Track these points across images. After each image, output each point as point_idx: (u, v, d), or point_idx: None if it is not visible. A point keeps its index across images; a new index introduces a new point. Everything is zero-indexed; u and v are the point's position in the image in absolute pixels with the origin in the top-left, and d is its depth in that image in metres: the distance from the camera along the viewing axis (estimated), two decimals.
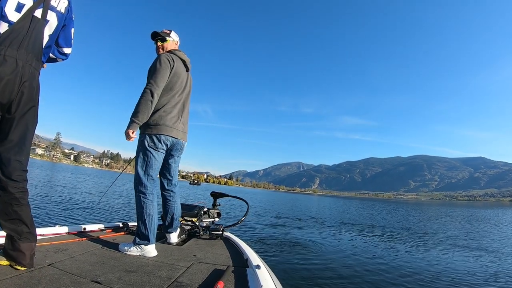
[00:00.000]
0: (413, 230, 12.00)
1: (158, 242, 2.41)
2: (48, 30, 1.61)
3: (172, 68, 2.30)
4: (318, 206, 29.17)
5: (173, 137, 2.31)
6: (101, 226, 2.82)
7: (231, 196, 3.60)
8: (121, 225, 2.97)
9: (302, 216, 14.51)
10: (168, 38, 2.45)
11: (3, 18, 1.42)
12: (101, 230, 2.76)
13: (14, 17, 1.45)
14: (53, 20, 1.62)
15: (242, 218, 3.30)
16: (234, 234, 2.96)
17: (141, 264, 1.86)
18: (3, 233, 1.55)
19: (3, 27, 1.43)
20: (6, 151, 1.44)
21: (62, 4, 1.67)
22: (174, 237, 2.56)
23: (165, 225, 2.56)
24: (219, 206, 3.51)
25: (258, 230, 8.30)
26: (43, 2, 1.55)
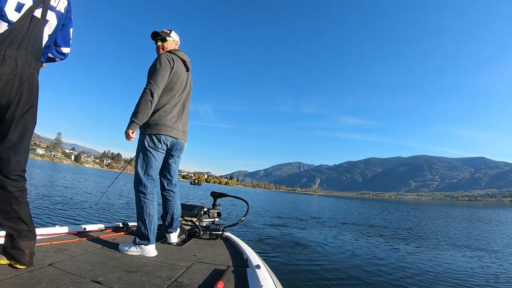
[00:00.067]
0: (413, 230, 11.98)
1: (158, 242, 2.41)
2: (47, 30, 1.61)
3: (172, 68, 2.30)
4: (318, 206, 29.14)
5: (173, 137, 2.31)
6: (101, 226, 2.82)
7: (231, 196, 3.60)
8: (121, 225, 2.97)
9: (302, 216, 14.49)
10: (168, 38, 2.45)
11: (3, 17, 1.42)
12: (101, 230, 2.76)
13: (14, 17, 1.45)
14: (52, 20, 1.62)
15: (242, 218, 3.30)
16: (234, 234, 2.96)
17: (141, 264, 1.86)
18: (3, 232, 1.55)
19: (3, 27, 1.42)
20: (5, 151, 1.45)
21: (62, 4, 1.67)
22: (174, 237, 2.56)
23: (165, 225, 2.56)
24: (219, 206, 3.51)
25: (258, 230, 8.30)
26: (43, 2, 1.55)
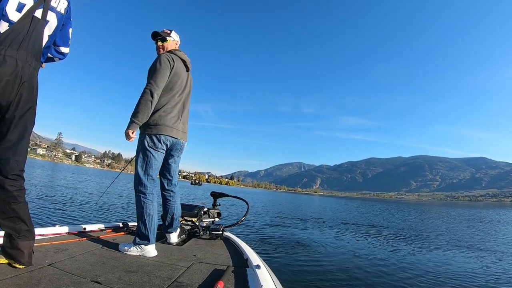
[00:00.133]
0: (414, 230, 11.96)
1: (158, 242, 2.41)
2: (47, 30, 1.62)
3: (172, 68, 2.30)
4: (319, 206, 29.12)
5: (173, 137, 2.31)
6: (101, 226, 2.83)
7: (231, 196, 3.60)
8: (121, 225, 2.97)
9: (303, 216, 14.48)
10: (168, 38, 2.45)
11: (4, 17, 1.42)
12: (101, 230, 2.76)
13: (14, 17, 1.45)
14: (53, 20, 1.63)
15: (242, 218, 3.30)
16: (235, 234, 2.96)
17: (141, 264, 1.86)
18: (2, 232, 1.55)
19: (4, 27, 1.43)
20: (5, 151, 1.45)
21: (62, 5, 1.67)
22: (174, 237, 2.56)
23: (165, 225, 2.56)
24: (219, 206, 3.51)
25: (259, 230, 8.29)
26: (44, 2, 1.55)
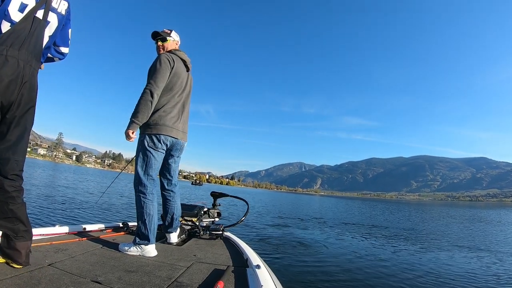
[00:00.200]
0: (415, 230, 11.95)
1: (158, 242, 2.41)
2: (48, 31, 1.63)
3: (172, 68, 2.30)
4: (320, 206, 29.11)
5: (172, 137, 2.31)
6: (101, 226, 2.83)
7: (231, 196, 3.60)
8: (121, 225, 2.97)
9: (304, 216, 14.48)
10: (168, 38, 2.45)
11: (6, 17, 1.43)
12: (101, 230, 2.76)
13: (17, 17, 1.46)
14: (53, 21, 1.64)
15: (242, 218, 3.30)
16: (235, 234, 2.95)
17: (141, 264, 1.86)
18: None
19: (6, 27, 1.44)
20: (5, 151, 1.45)
21: (63, 6, 1.69)
22: (174, 237, 2.56)
23: (165, 225, 2.56)
24: (219, 206, 3.51)
25: (259, 230, 8.29)
26: (45, 3, 1.56)
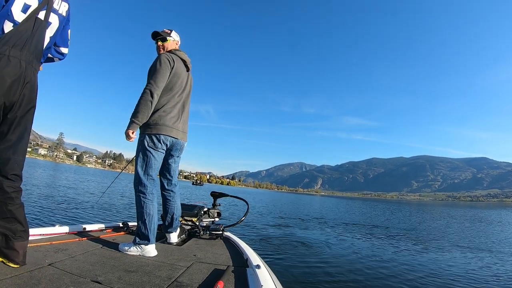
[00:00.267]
0: (416, 231, 11.93)
1: (158, 242, 2.41)
2: (49, 32, 1.65)
3: (172, 68, 2.30)
4: (320, 206, 29.09)
5: (172, 137, 2.31)
6: (101, 226, 2.83)
7: (231, 196, 3.60)
8: (121, 225, 2.97)
9: (304, 216, 14.47)
10: (168, 38, 2.45)
11: (9, 17, 1.44)
12: (101, 230, 2.76)
13: (20, 17, 1.47)
14: (54, 22, 1.65)
15: (242, 218, 3.29)
16: (235, 234, 2.95)
17: (141, 264, 1.86)
18: None
19: (8, 27, 1.45)
20: (5, 150, 1.45)
21: (63, 7, 1.70)
22: (174, 237, 2.56)
23: (165, 225, 2.56)
24: (220, 206, 3.51)
25: (260, 230, 8.29)
26: (47, 4, 1.58)
